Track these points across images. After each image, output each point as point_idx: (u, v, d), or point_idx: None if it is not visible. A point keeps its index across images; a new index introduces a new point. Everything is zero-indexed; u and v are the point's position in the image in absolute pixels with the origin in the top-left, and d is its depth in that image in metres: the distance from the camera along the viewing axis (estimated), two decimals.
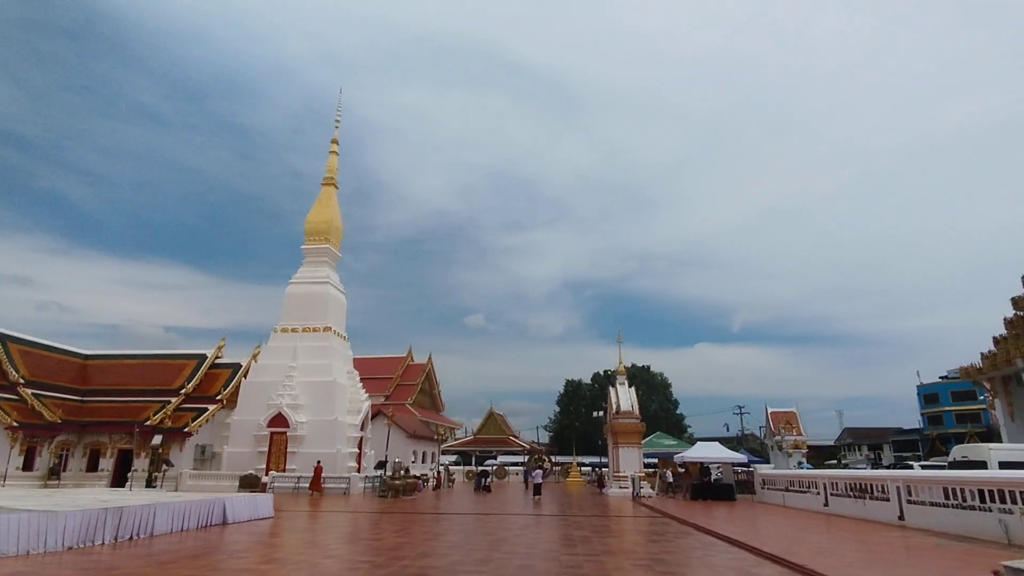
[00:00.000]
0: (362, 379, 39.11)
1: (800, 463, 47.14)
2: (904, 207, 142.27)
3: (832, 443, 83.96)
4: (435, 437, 56.58)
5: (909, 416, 78.16)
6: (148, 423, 31.64)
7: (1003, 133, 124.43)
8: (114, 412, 33.56)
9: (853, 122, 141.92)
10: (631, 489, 30.34)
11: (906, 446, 69.98)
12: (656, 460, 40.73)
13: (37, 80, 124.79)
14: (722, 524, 16.38)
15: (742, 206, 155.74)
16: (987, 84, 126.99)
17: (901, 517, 15.86)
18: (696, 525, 16.13)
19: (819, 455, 70.21)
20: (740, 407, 65.82)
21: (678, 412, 74.32)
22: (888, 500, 16.62)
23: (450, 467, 48.25)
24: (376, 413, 41.81)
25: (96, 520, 11.18)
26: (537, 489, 28.81)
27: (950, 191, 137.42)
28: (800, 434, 50.78)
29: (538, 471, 31.47)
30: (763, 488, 27.75)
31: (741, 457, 31.94)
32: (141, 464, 31.14)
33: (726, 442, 44.87)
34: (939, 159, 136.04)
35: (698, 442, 37.33)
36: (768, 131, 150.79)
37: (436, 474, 39.73)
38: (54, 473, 30.73)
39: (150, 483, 28.72)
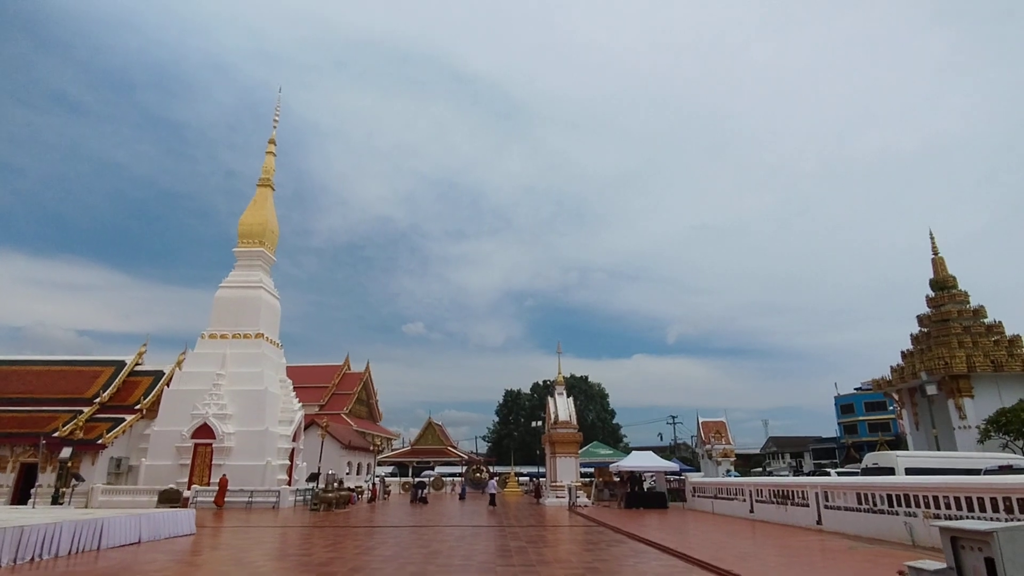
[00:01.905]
0: (296, 388, 37.87)
1: (728, 471, 48.90)
2: (824, 228, 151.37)
3: (758, 451, 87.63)
4: (371, 448, 55.34)
5: (828, 425, 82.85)
6: (56, 434, 29.39)
7: (915, 162, 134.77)
8: (17, 422, 30.98)
9: (779, 147, 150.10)
10: (567, 499, 30.61)
11: (825, 454, 73.91)
12: (592, 469, 41.33)
13: None
14: (654, 532, 16.75)
15: (678, 222, 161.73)
16: (900, 117, 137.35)
17: (819, 522, 16.69)
18: (629, 533, 16.44)
19: (746, 463, 73.11)
20: (673, 417, 67.92)
21: (615, 422, 75.80)
22: (807, 506, 17.47)
23: (386, 479, 47.27)
24: (310, 423, 40.54)
25: None
26: (492, 500, 29.85)
27: (865, 214, 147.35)
28: (729, 443, 52.70)
29: (492, 481, 32.23)
30: (694, 496, 28.58)
31: (673, 466, 32.86)
32: (47, 479, 28.86)
33: (660, 451, 46.09)
34: (855, 184, 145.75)
35: (633, 451, 38.14)
36: (703, 152, 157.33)
37: (371, 486, 38.81)
38: None
39: (57, 499, 26.70)
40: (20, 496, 29.17)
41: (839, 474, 26.81)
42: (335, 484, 30.75)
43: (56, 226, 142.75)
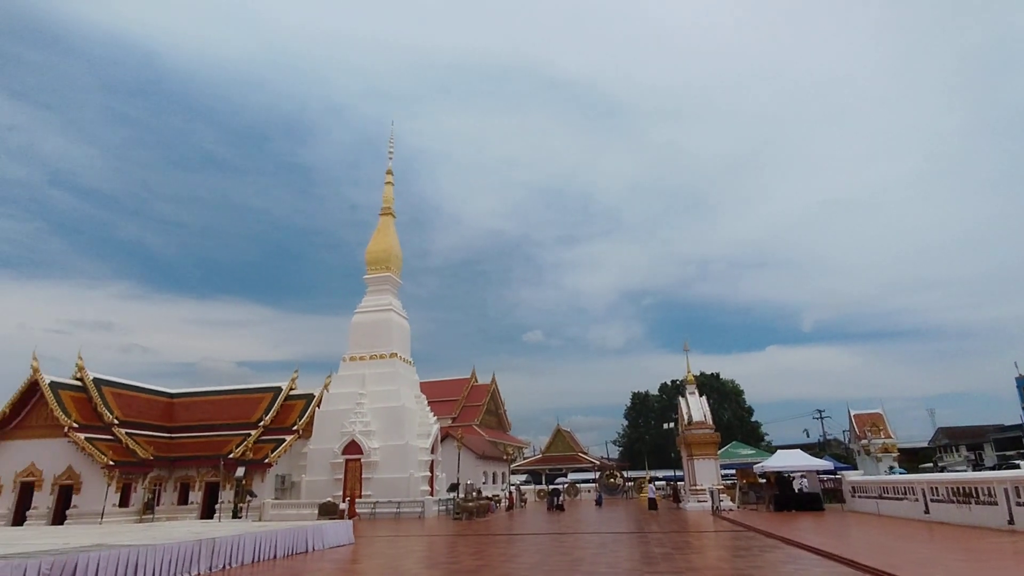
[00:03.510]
0: (429, 402, 39.66)
1: (892, 468, 44.27)
2: (977, 187, 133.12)
3: (926, 445, 78.46)
4: (504, 457, 56.51)
5: (1010, 411, 72.12)
6: (232, 456, 33.08)
7: None
8: (200, 447, 35.30)
9: (913, 106, 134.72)
10: (710, 502, 29.28)
11: (1009, 444, 64.54)
12: (733, 471, 39.27)
13: (115, 139, 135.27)
14: (812, 536, 15.55)
15: (801, 201, 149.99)
16: None
17: (1011, 521, 14.60)
18: (783, 538, 15.37)
19: (912, 458, 65.68)
20: (820, 411, 62.77)
21: (753, 420, 71.56)
22: (995, 504, 15.35)
23: (521, 487, 48.01)
24: (445, 436, 42.21)
25: (192, 551, 11.72)
26: (652, 504, 30.66)
27: None
28: (889, 436, 47.80)
29: (651, 486, 33.16)
30: (853, 496, 26.23)
31: (826, 464, 30.30)
32: (227, 496, 32.52)
33: (808, 448, 42.76)
34: (1012, 134, 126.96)
35: (778, 450, 35.74)
36: (822, 122, 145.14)
37: (508, 494, 39.62)
38: (149, 508, 32.52)
39: (236, 514, 29.94)
40: (207, 511, 33.12)
41: None
42: (474, 493, 31.76)
43: (214, 271, 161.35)
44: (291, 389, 38.79)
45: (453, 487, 32.57)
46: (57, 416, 31.04)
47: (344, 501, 31.00)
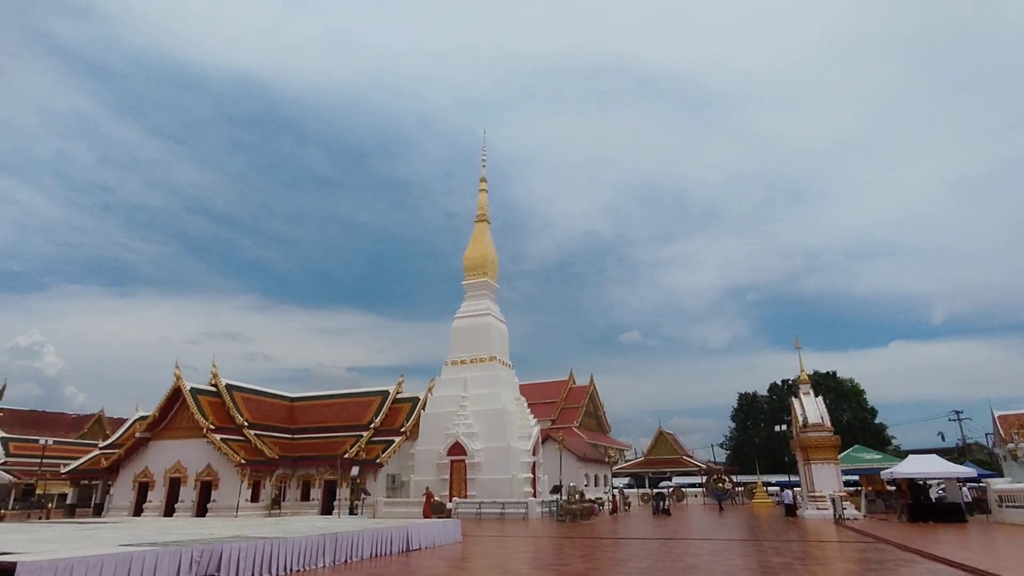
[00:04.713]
0: (528, 404, 40.03)
1: None
2: None
3: None
4: (605, 460, 55.88)
5: None
6: (347, 456, 35.08)
7: None
8: (319, 447, 37.75)
9: None
10: (832, 511, 27.35)
11: None
12: (856, 477, 36.48)
13: (235, 166, 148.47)
14: (956, 550, 14.10)
15: (928, 181, 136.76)
16: None
17: None
18: (922, 551, 14.05)
19: None
20: (957, 412, 57.00)
21: (877, 422, 65.97)
22: None
23: (624, 490, 47.23)
24: (545, 438, 42.39)
25: (317, 545, 12.56)
26: (789, 510, 30.12)
27: None
28: None
29: (787, 492, 32.10)
30: (1001, 506, 23.54)
31: (969, 471, 27.43)
32: (344, 493, 34.51)
33: (944, 453, 38.98)
34: None
35: (909, 455, 32.78)
36: (949, 91, 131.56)
37: (612, 497, 39.11)
38: (276, 503, 35.16)
39: (352, 511, 31.66)
40: (326, 508, 35.31)
41: None
42: (577, 496, 31.62)
43: (325, 283, 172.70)
44: (398, 393, 40.60)
45: (556, 489, 32.62)
46: (197, 419, 34.38)
47: (450, 500, 31.91)
